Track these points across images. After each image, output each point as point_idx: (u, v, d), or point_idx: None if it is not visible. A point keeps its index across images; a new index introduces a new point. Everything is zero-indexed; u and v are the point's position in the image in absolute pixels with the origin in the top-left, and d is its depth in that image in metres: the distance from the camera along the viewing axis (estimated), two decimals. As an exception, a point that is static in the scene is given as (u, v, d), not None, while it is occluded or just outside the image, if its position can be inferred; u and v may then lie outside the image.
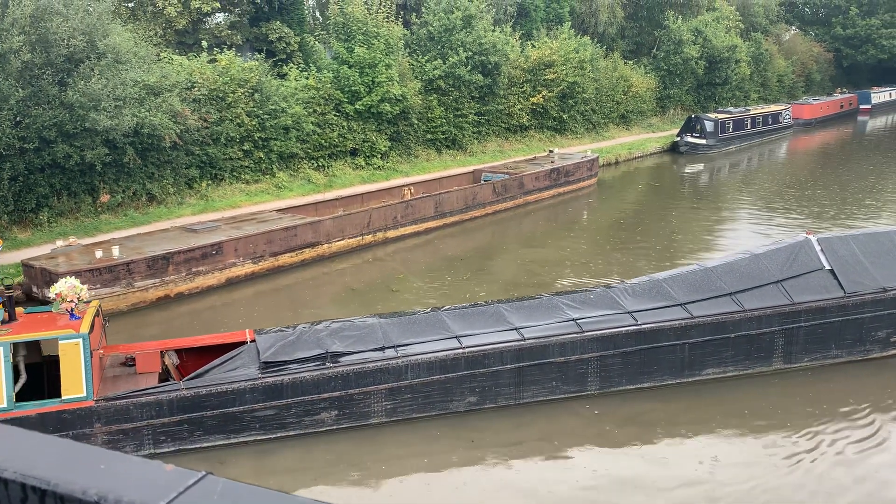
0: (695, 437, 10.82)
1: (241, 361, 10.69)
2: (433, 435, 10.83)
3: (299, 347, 10.97)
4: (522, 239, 23.31)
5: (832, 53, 69.86)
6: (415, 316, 12.01)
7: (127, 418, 10.05)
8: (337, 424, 10.79)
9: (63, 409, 9.76)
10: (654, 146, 41.13)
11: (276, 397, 10.49)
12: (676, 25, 47.24)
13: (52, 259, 16.27)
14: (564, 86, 37.99)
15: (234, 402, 10.35)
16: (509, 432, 10.98)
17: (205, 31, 29.35)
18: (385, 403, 10.92)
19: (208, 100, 24.37)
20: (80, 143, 19.85)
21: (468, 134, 34.59)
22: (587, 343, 11.75)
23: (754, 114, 46.19)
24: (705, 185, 34.36)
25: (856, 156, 41.83)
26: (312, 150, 27.88)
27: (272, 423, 10.53)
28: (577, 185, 29.89)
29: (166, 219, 21.88)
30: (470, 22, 33.42)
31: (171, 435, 10.26)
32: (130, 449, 10.14)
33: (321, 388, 10.64)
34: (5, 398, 9.51)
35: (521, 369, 11.46)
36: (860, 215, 25.77)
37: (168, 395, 10.18)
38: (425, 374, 11.06)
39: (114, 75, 19.79)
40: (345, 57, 29.41)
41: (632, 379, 12.05)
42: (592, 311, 12.21)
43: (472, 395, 11.33)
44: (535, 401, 11.61)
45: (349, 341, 11.18)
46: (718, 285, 12.75)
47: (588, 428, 11.19)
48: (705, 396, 12.01)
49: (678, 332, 12.10)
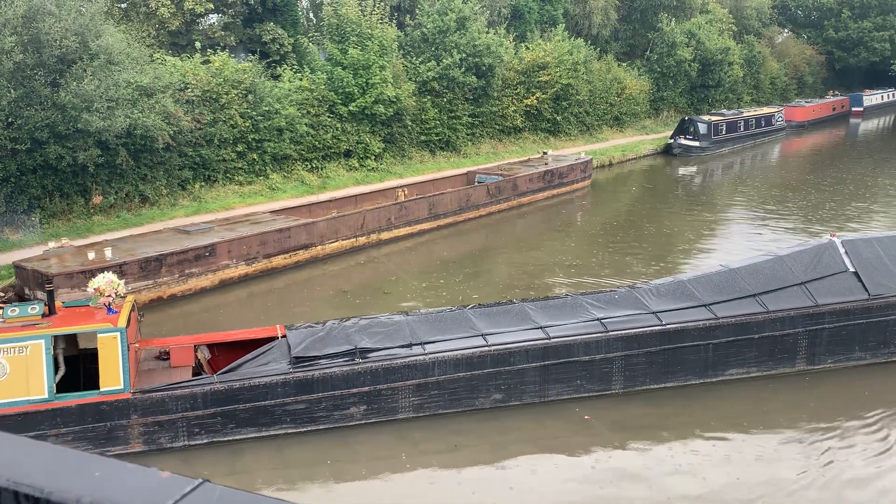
0: (717, 435, 10.90)
1: (273, 356, 10.89)
2: (460, 431, 11.03)
3: (329, 343, 11.18)
4: (516, 241, 23.31)
5: (824, 56, 70.13)
6: (441, 314, 12.21)
7: (162, 410, 10.27)
8: (365, 419, 11.00)
9: (101, 401, 10.03)
10: (648, 148, 41.21)
11: (307, 392, 10.70)
12: (670, 28, 47.36)
13: (44, 260, 16.18)
14: (558, 88, 38.04)
15: (266, 396, 10.56)
16: (532, 430, 11.14)
17: (198, 33, 29.27)
18: (412, 399, 11.16)
19: (201, 101, 24.30)
20: (73, 144, 19.77)
21: (462, 135, 34.59)
22: (612, 342, 11.88)
23: (747, 116, 46.33)
24: (698, 188, 34.44)
25: (848, 158, 42.00)
26: (306, 152, 27.83)
27: (303, 416, 10.73)
28: (570, 187, 29.91)
29: (159, 220, 21.80)
30: (464, 24, 33.43)
31: (205, 427, 10.46)
32: (165, 441, 10.38)
33: (350, 384, 10.87)
34: (46, 389, 9.80)
35: (546, 367, 11.62)
36: (853, 217, 25.86)
37: (202, 388, 10.43)
38: (452, 370, 11.26)
39: (106, 76, 19.71)
40: (339, 58, 29.38)
41: (656, 378, 12.16)
42: (617, 310, 12.34)
43: (498, 392, 11.50)
44: (559, 399, 11.77)
45: (377, 338, 11.39)
46: (742, 286, 12.85)
47: (607, 427, 11.25)
48: (728, 395, 12.10)
49: (702, 333, 12.21)
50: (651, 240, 22.71)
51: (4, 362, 9.69)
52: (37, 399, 9.82)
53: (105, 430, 10.14)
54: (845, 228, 24.03)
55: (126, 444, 10.29)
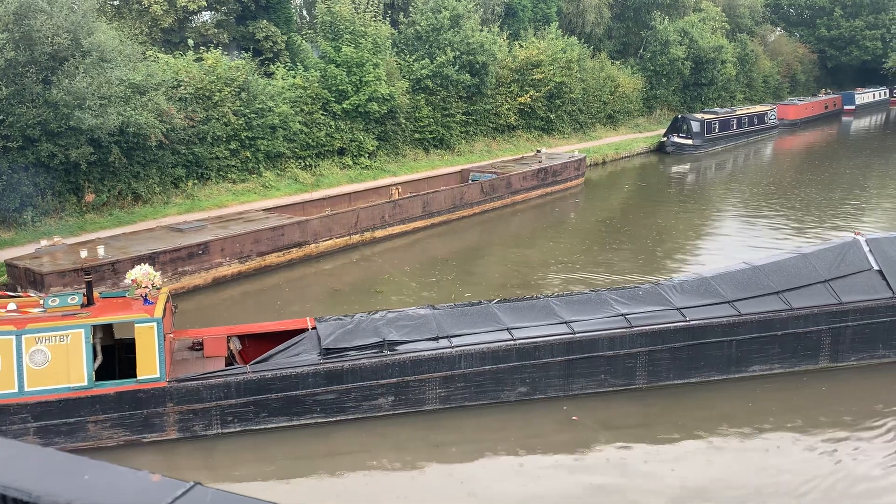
0: (752, 430, 10.99)
1: (303, 347, 11.18)
2: (485, 423, 11.23)
3: (358, 335, 11.42)
4: (510, 239, 23.32)
5: (817, 54, 70.35)
6: (467, 308, 12.45)
7: (197, 399, 10.53)
8: (393, 410, 11.23)
9: (138, 389, 10.33)
10: (641, 146, 41.26)
11: (337, 382, 10.94)
12: (663, 26, 47.42)
13: (36, 259, 16.10)
14: (552, 86, 38.04)
15: (297, 386, 10.80)
16: (559, 423, 11.29)
17: (191, 30, 29.17)
18: (439, 391, 11.40)
19: (194, 99, 24.21)
20: (65, 141, 19.67)
21: (456, 133, 34.56)
22: (636, 338, 12.02)
23: (740, 114, 46.44)
24: (691, 186, 34.51)
25: (840, 156, 42.15)
26: (299, 150, 27.77)
27: (332, 406, 10.98)
28: (564, 185, 29.93)
29: (152, 218, 21.73)
30: (458, 21, 33.39)
31: (238, 416, 10.70)
32: (199, 428, 10.62)
33: (379, 375, 11.10)
34: (86, 377, 10.12)
35: (570, 362, 11.80)
36: (847, 215, 25.95)
37: (236, 377, 10.67)
38: (478, 363, 11.46)
39: (99, 73, 19.62)
40: (332, 56, 29.31)
41: (679, 374, 12.28)
42: (641, 306, 12.48)
43: (523, 385, 11.70)
44: (584, 393, 11.92)
45: (405, 331, 11.64)
46: (766, 284, 12.94)
47: (627, 417, 11.33)
48: (755, 392, 12.17)
49: (726, 329, 12.32)
50: (644, 237, 22.75)
51: (46, 350, 9.98)
52: (77, 386, 10.12)
53: (142, 417, 10.41)
54: (839, 227, 24.12)
55: (162, 431, 10.55)
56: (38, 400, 9.99)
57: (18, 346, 9.89)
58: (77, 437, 10.31)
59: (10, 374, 9.88)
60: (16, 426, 10.01)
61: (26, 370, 9.93)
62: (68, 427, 10.20)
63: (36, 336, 9.96)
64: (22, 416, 10.02)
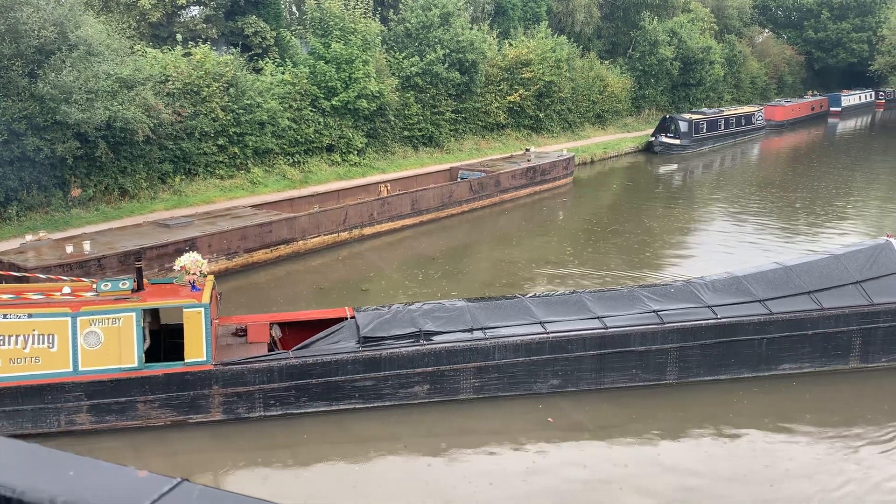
0: (773, 431, 11.10)
1: (343, 335, 11.53)
2: (515, 413, 11.47)
3: (395, 325, 11.75)
4: (498, 237, 23.34)
5: (804, 56, 70.82)
6: (501, 301, 12.76)
7: (241, 382, 10.90)
8: (428, 398, 11.55)
9: (186, 371, 10.72)
10: (629, 146, 41.40)
11: (375, 369, 11.29)
12: (652, 26, 47.59)
13: (21, 254, 15.98)
14: (541, 85, 38.10)
15: (337, 372, 11.17)
16: (585, 414, 11.46)
17: (179, 25, 28.99)
18: (473, 381, 11.67)
19: (182, 94, 24.07)
20: (51, 136, 19.51)
21: (445, 131, 34.55)
22: (667, 334, 12.18)
23: (728, 115, 46.69)
24: (679, 185, 34.67)
25: (826, 158, 42.45)
26: (288, 146, 27.67)
27: (370, 393, 11.32)
28: (553, 184, 29.99)
29: (139, 214, 21.59)
30: (447, 19, 33.37)
31: (280, 400, 11.06)
32: (243, 411, 10.99)
33: (415, 364, 11.43)
34: (136, 358, 10.55)
35: (602, 356, 12.00)
36: (832, 216, 26.14)
37: (278, 362, 11.02)
38: (511, 355, 11.72)
39: (86, 67, 19.46)
40: (321, 52, 29.22)
41: (710, 371, 12.41)
42: (673, 303, 12.65)
43: (555, 378, 11.93)
44: (615, 387, 12.10)
45: (440, 322, 11.95)
46: (797, 283, 13.05)
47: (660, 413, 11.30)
48: (782, 389, 12.28)
49: (756, 327, 12.46)
50: (631, 237, 22.83)
51: (99, 332, 10.40)
52: (128, 367, 10.54)
53: (188, 398, 10.78)
54: (826, 227, 24.29)
55: (207, 412, 10.90)
56: (91, 379, 10.42)
57: (73, 327, 10.30)
58: (127, 416, 10.69)
59: (65, 354, 10.33)
60: (70, 404, 10.42)
61: (80, 351, 10.37)
62: (119, 406, 10.66)
63: (90, 318, 10.37)
64: (76, 395, 10.43)
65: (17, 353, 10.24)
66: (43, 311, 10.35)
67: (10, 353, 10.21)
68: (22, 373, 10.25)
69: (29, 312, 10.29)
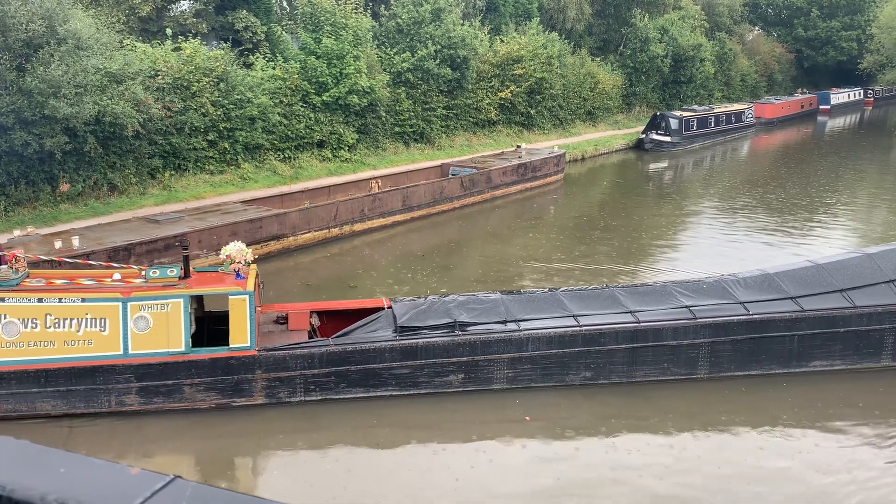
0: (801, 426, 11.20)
1: (380, 325, 11.87)
2: (552, 403, 11.67)
3: (430, 316, 12.07)
4: (488, 234, 23.34)
5: (794, 54, 71.08)
6: (534, 294, 12.99)
7: (283, 367, 11.27)
8: (463, 387, 11.82)
9: (231, 356, 11.11)
10: (620, 143, 41.47)
11: (411, 358, 11.61)
12: (643, 23, 47.66)
13: (8, 249, 15.82)
14: (532, 81, 38.09)
15: (375, 360, 11.50)
16: (616, 408, 11.59)
17: (169, 19, 28.82)
18: (507, 371, 11.89)
19: (172, 88, 23.93)
20: (39, 130, 19.36)
21: (436, 128, 34.50)
22: (699, 329, 12.31)
23: (718, 112, 46.83)
24: (669, 182, 34.76)
25: (815, 155, 42.65)
26: (278, 142, 27.56)
27: (406, 381, 11.65)
28: (543, 181, 30.01)
29: (128, 209, 21.47)
30: (439, 15, 33.30)
31: (320, 385, 11.43)
32: (284, 395, 11.33)
33: (450, 353, 11.71)
34: (183, 343, 10.96)
35: (634, 350, 12.16)
36: (820, 213, 26.26)
37: (319, 349, 11.40)
38: (544, 347, 11.91)
39: (74, 62, 19.31)
40: (312, 47, 29.11)
41: (741, 366, 12.52)
42: (705, 299, 12.77)
43: (588, 370, 12.11)
44: (647, 380, 12.25)
45: (475, 313, 12.21)
46: (830, 281, 13.11)
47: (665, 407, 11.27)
48: (819, 386, 12.35)
49: (788, 324, 12.55)
50: (621, 233, 22.88)
51: (149, 317, 10.82)
52: (175, 351, 10.95)
53: (233, 382, 11.15)
54: (813, 223, 24.41)
55: (250, 396, 11.27)
56: (140, 362, 10.85)
57: (124, 312, 10.75)
58: (174, 398, 11.09)
59: (116, 337, 10.78)
60: (120, 385, 10.89)
61: (131, 334, 10.80)
62: (166, 388, 11.01)
63: (140, 304, 10.79)
64: (126, 377, 10.86)
65: (72, 335, 10.68)
66: (96, 296, 10.76)
67: (65, 335, 10.66)
68: (75, 354, 10.69)
69: (82, 297, 10.70)
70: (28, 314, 10.57)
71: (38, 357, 10.63)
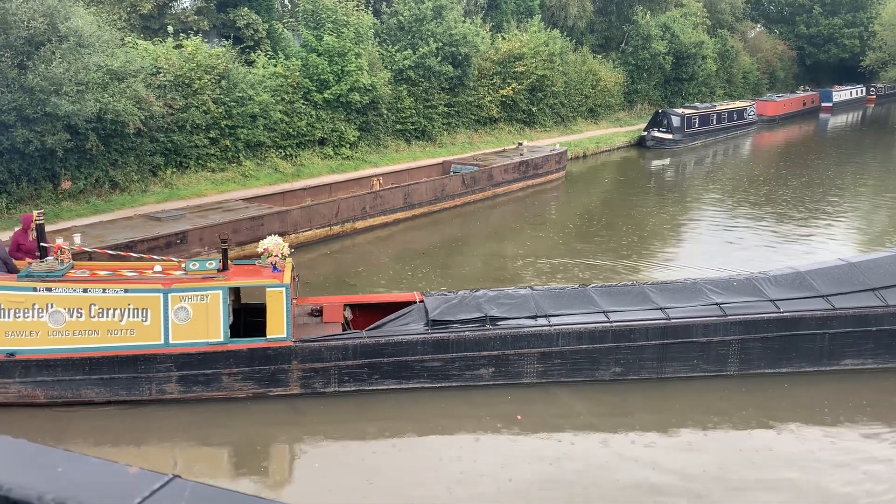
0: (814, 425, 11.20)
1: (412, 318, 12.09)
2: (579, 397, 11.78)
3: (461, 310, 12.23)
4: (490, 232, 23.34)
5: (796, 51, 70.98)
6: (564, 290, 13.13)
7: (318, 359, 11.54)
8: (493, 381, 12.00)
9: (268, 347, 11.41)
10: (622, 140, 41.43)
11: (443, 351, 11.81)
12: (645, 21, 47.60)
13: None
14: (534, 79, 38.06)
15: (407, 352, 11.73)
16: (654, 401, 11.72)
17: (171, 16, 28.82)
18: (537, 366, 12.03)
19: (174, 86, 23.93)
20: (41, 128, 19.36)
21: (438, 125, 34.49)
22: (730, 326, 12.33)
23: (720, 110, 46.77)
24: (671, 180, 34.72)
25: (818, 152, 42.59)
26: (280, 139, 27.56)
27: (438, 373, 11.87)
28: (545, 178, 29.99)
29: (130, 206, 21.48)
30: (440, 12, 33.27)
31: (354, 376, 11.69)
32: (319, 385, 11.64)
33: (481, 347, 11.89)
34: (222, 333, 11.26)
35: (664, 346, 12.20)
36: (823, 210, 26.23)
37: (353, 341, 11.66)
38: (575, 342, 12.01)
39: (76, 59, 19.30)
40: (314, 45, 29.09)
41: (771, 364, 12.53)
42: (735, 296, 12.79)
43: (618, 366, 12.17)
44: (676, 376, 12.31)
45: (505, 308, 12.35)
46: (862, 280, 13.06)
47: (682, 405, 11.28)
48: (845, 384, 12.34)
49: (819, 322, 12.51)
50: (623, 231, 22.86)
51: (189, 308, 11.13)
52: (214, 342, 11.25)
53: (269, 372, 11.45)
54: (817, 221, 24.38)
55: (286, 386, 11.55)
56: (180, 352, 11.18)
57: (165, 303, 11.07)
58: (212, 387, 11.38)
59: (157, 327, 11.13)
60: (161, 374, 11.19)
61: (171, 325, 11.14)
62: (206, 378, 11.30)
63: (180, 295, 11.11)
64: (167, 366, 11.19)
65: (115, 325, 11.08)
66: (138, 287, 11.12)
67: (109, 324, 11.06)
68: (118, 343, 11.11)
69: (125, 288, 11.06)
70: (73, 304, 10.92)
71: (83, 346, 11.02)
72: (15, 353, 10.93)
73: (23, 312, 10.87)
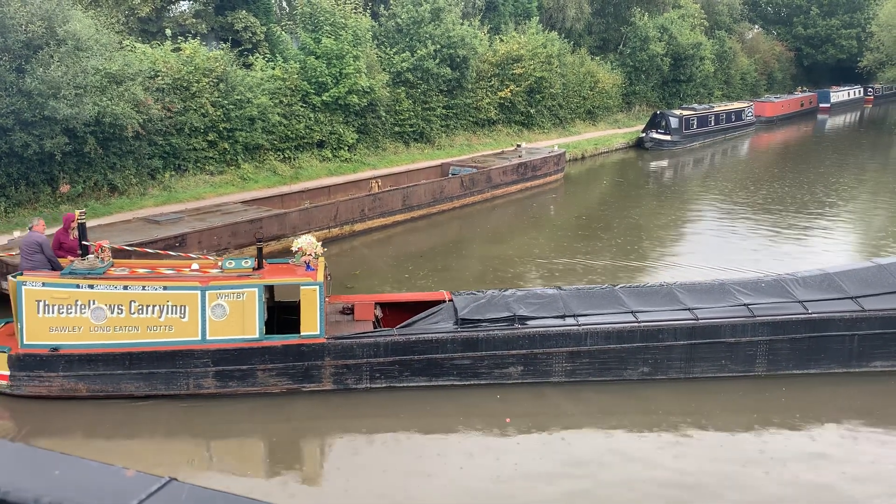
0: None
1: (442, 317, 12.29)
2: (607, 397, 11.86)
3: (490, 309, 12.38)
4: (488, 234, 23.34)
5: (793, 52, 71.09)
6: (592, 290, 13.25)
7: (350, 355, 11.76)
8: (522, 379, 12.12)
9: (302, 343, 11.66)
10: (620, 142, 41.45)
11: (472, 349, 11.96)
12: (643, 22, 47.66)
13: (9, 250, 15.86)
14: (532, 80, 38.09)
15: (437, 350, 11.90)
16: (683, 403, 11.74)
17: (169, 20, 28.84)
18: (565, 365, 12.14)
19: (172, 89, 23.93)
20: (39, 131, 19.36)
21: (436, 127, 34.50)
22: (758, 327, 12.35)
23: (718, 111, 46.82)
24: (669, 181, 34.75)
25: (815, 154, 42.63)
26: (278, 142, 27.56)
27: (467, 371, 12.02)
28: (543, 180, 30.00)
29: (128, 210, 21.47)
30: (438, 14, 33.30)
31: (385, 373, 11.88)
32: (351, 382, 11.85)
33: (510, 346, 12.01)
34: (257, 330, 11.55)
35: (692, 346, 12.24)
36: (822, 211, 26.26)
37: (384, 338, 11.86)
38: (603, 342, 12.08)
39: (74, 63, 19.30)
40: (312, 48, 29.10)
41: (799, 364, 12.53)
42: (763, 297, 12.82)
43: (646, 366, 12.23)
44: (704, 376, 12.35)
45: (533, 307, 12.48)
46: (891, 282, 13.04)
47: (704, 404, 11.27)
48: (875, 386, 12.36)
49: (847, 324, 12.51)
50: (622, 232, 22.87)
51: (225, 305, 11.45)
52: (249, 338, 11.55)
53: (303, 368, 11.68)
54: (816, 220, 24.39)
55: (319, 382, 11.79)
56: (217, 348, 11.46)
57: (203, 300, 11.38)
58: (248, 382, 11.61)
59: (195, 324, 11.44)
60: (198, 369, 11.45)
61: (208, 321, 11.44)
62: (241, 373, 11.54)
63: (217, 292, 11.42)
64: (204, 361, 11.45)
65: (154, 321, 11.41)
66: (176, 285, 11.46)
67: (148, 321, 11.40)
68: (157, 339, 11.41)
69: (164, 285, 11.41)
70: (114, 300, 11.26)
71: (123, 341, 11.34)
72: (58, 348, 11.26)
73: (66, 308, 11.20)
